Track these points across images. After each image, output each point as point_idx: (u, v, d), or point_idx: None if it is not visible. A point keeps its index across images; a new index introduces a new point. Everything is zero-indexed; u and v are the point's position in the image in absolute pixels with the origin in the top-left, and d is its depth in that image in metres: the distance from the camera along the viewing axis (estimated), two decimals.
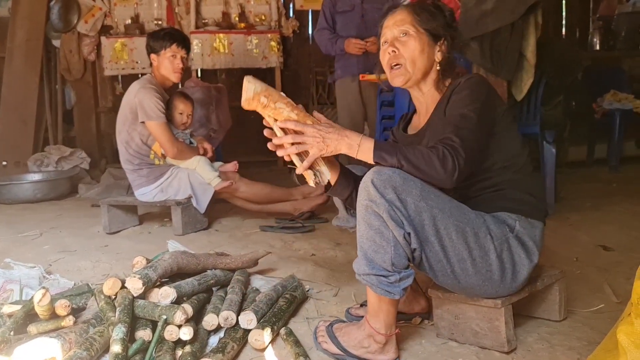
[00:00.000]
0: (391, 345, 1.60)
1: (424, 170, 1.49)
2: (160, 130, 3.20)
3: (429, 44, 1.70)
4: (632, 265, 2.19)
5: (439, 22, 1.71)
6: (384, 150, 1.51)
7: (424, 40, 1.70)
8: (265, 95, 1.57)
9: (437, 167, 1.47)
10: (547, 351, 1.63)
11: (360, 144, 1.52)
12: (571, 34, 6.26)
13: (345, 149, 1.53)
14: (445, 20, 1.73)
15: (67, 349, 1.56)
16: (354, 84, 3.97)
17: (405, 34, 1.70)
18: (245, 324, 1.71)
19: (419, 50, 1.69)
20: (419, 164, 1.48)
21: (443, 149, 1.48)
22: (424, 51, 1.70)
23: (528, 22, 3.06)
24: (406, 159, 1.49)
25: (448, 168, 1.47)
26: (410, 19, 1.71)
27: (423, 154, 1.49)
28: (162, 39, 3.30)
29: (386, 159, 1.50)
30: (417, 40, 1.69)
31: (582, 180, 4.52)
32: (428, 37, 1.70)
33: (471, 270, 1.55)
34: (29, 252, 2.85)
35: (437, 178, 1.49)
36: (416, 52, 1.69)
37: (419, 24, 1.70)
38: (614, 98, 5.00)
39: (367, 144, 1.52)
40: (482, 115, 1.58)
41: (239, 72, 5.83)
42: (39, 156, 5.13)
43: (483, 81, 1.70)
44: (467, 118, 1.56)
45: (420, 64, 1.70)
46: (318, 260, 2.59)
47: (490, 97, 1.64)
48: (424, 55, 1.70)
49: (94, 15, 5.55)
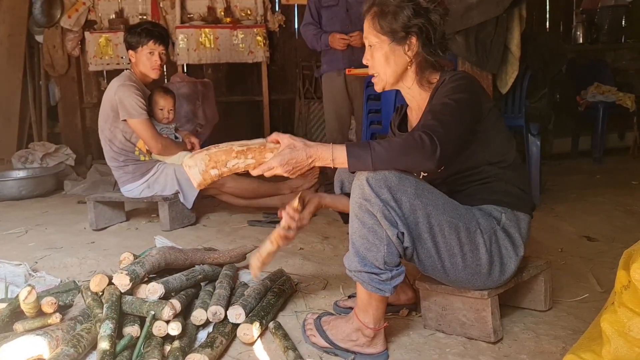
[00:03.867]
0: (379, 338, 1.61)
1: (402, 159, 1.47)
2: (143, 127, 3.17)
3: (393, 50, 1.66)
4: (615, 255, 2.22)
5: (401, 22, 1.62)
6: (357, 158, 1.49)
7: (386, 48, 1.66)
8: (213, 166, 1.54)
9: (414, 151, 1.46)
10: (533, 340, 1.65)
11: (333, 157, 1.52)
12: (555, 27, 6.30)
13: (319, 163, 1.55)
14: (410, 12, 1.61)
15: (54, 346, 1.55)
16: (340, 78, 3.98)
17: (370, 46, 1.69)
18: (234, 318, 1.71)
19: (383, 60, 1.67)
20: (396, 155, 1.47)
21: (420, 134, 1.47)
22: (389, 59, 1.67)
23: (512, 16, 3.08)
24: (380, 159, 1.47)
25: (427, 148, 1.45)
26: (372, 27, 1.67)
27: (398, 143, 1.48)
28: (139, 35, 3.23)
29: (360, 166, 1.50)
30: (379, 51, 1.67)
31: (567, 172, 4.57)
32: (391, 41, 1.65)
33: (461, 265, 1.56)
34: (14, 249, 2.83)
35: (418, 161, 1.47)
36: (382, 63, 1.68)
37: (380, 31, 1.65)
38: (597, 91, 5.05)
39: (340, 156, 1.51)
40: (464, 105, 1.57)
41: (225, 67, 5.80)
42: (23, 153, 5.07)
43: (467, 77, 1.69)
44: (447, 105, 1.56)
45: (389, 72, 1.68)
46: (306, 254, 2.59)
47: (474, 91, 1.64)
48: (390, 63, 1.67)
49: (78, 10, 5.47)
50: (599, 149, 4.97)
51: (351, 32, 3.82)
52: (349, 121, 4.29)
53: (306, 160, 1.54)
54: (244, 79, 5.94)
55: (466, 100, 1.59)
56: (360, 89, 3.93)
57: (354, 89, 4.00)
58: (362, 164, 1.49)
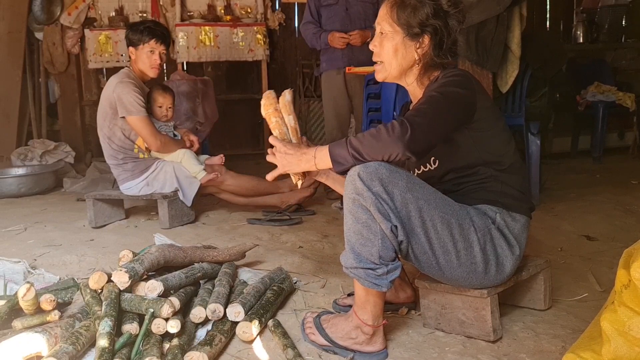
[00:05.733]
0: (378, 336, 1.61)
1: (374, 144, 1.48)
2: (142, 124, 3.16)
3: (405, 44, 1.65)
4: (615, 254, 2.22)
5: (419, 18, 1.61)
6: (337, 156, 1.53)
7: (398, 40, 1.65)
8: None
9: (384, 135, 1.47)
10: (533, 340, 1.65)
11: (315, 156, 1.57)
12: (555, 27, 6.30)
13: (305, 166, 1.60)
14: (430, 11, 1.61)
15: (52, 343, 1.55)
16: (339, 76, 3.97)
17: (382, 33, 1.68)
18: (233, 316, 1.71)
19: (392, 52, 1.66)
20: (367, 142, 1.49)
21: (393, 121, 1.49)
22: (398, 52, 1.66)
23: (513, 14, 3.07)
24: (357, 151, 1.49)
25: (396, 131, 1.46)
26: (388, 15, 1.66)
27: (370, 132, 1.51)
28: (141, 33, 3.23)
29: (343, 163, 1.52)
30: (390, 41, 1.66)
31: (566, 171, 4.57)
32: (405, 35, 1.64)
33: (455, 262, 1.56)
34: (13, 247, 2.82)
35: (387, 144, 1.47)
36: (390, 53, 1.67)
37: (396, 22, 1.64)
38: (597, 90, 5.05)
39: (322, 156, 1.56)
40: (451, 98, 1.56)
41: (225, 64, 5.80)
42: (22, 150, 5.06)
43: (462, 73, 1.67)
44: (431, 97, 1.57)
45: (395, 64, 1.68)
46: (305, 253, 2.59)
47: (467, 88, 1.61)
48: (398, 56, 1.66)
49: (77, 8, 5.46)
50: (598, 148, 4.97)
51: (351, 30, 3.83)
52: (349, 119, 4.29)
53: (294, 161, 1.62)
54: (244, 77, 5.94)
55: (454, 94, 1.57)
56: (360, 87, 3.92)
57: (353, 87, 4.00)
58: (342, 160, 1.52)
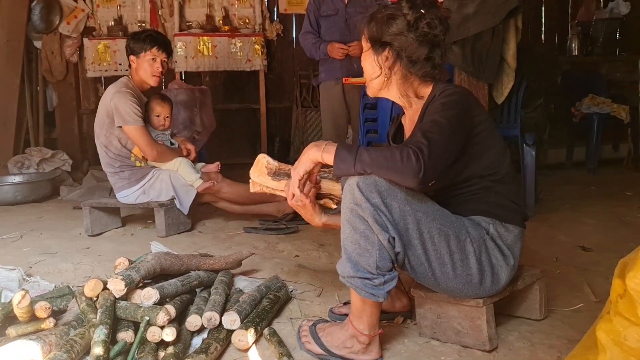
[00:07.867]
0: (374, 345, 1.61)
1: (384, 172, 1.47)
2: (138, 134, 3.16)
3: (371, 57, 1.68)
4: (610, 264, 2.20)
5: (382, 31, 1.62)
6: (342, 159, 1.50)
7: (370, 54, 1.68)
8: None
9: (398, 167, 1.44)
10: (528, 349, 1.65)
11: (324, 149, 1.54)
12: (550, 39, 6.36)
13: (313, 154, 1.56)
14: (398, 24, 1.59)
15: (47, 351, 1.54)
16: (338, 87, 4.00)
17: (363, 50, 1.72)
18: (229, 324, 1.71)
19: (368, 67, 1.70)
20: (378, 167, 1.47)
21: (408, 150, 1.44)
22: (372, 67, 1.69)
23: (508, 27, 3.11)
24: (363, 166, 1.47)
25: (411, 167, 1.43)
26: (364, 31, 1.69)
27: (384, 155, 1.46)
28: (143, 41, 3.25)
29: (345, 169, 1.50)
30: (366, 58, 1.70)
31: (561, 182, 4.59)
32: (371, 49, 1.67)
33: (451, 274, 1.56)
34: (9, 254, 2.81)
35: (400, 178, 1.46)
36: (367, 69, 1.71)
37: (366, 37, 1.68)
38: (592, 102, 5.09)
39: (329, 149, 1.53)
40: (455, 122, 1.55)
41: (223, 74, 5.82)
42: (19, 158, 5.06)
43: (459, 92, 1.66)
44: (437, 123, 1.53)
45: (368, 78, 1.71)
46: (301, 261, 2.59)
47: (465, 107, 1.61)
48: (368, 70, 1.70)
49: (77, 17, 5.49)
50: (593, 160, 5.01)
51: (350, 41, 3.85)
52: (346, 130, 4.31)
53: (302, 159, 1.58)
54: (242, 87, 5.96)
55: (457, 116, 1.56)
56: (358, 97, 3.94)
57: (351, 97, 4.02)
58: (345, 166, 1.50)
